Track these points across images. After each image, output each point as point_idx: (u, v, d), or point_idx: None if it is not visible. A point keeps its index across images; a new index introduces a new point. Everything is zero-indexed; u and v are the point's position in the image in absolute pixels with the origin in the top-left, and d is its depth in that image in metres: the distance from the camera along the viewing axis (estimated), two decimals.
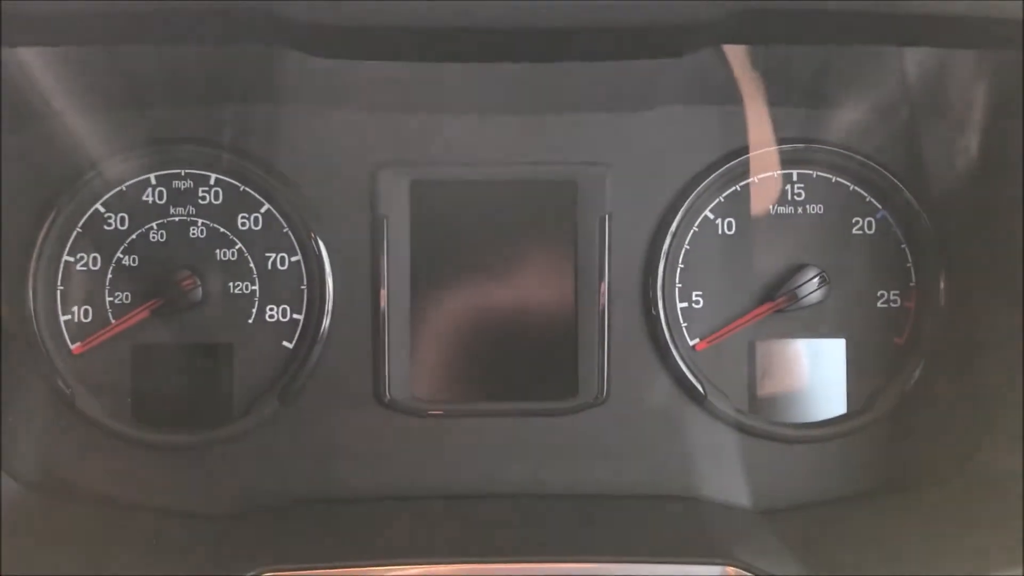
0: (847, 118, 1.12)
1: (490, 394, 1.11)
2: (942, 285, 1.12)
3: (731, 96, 1.09)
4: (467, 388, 1.11)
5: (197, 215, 1.10)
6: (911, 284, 1.13)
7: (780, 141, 1.12)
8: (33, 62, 0.96)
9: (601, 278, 1.10)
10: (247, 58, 1.00)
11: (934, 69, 1.02)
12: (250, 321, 1.10)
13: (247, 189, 1.10)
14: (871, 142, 1.12)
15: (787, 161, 1.13)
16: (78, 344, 1.09)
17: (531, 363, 1.11)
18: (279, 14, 0.78)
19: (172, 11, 0.79)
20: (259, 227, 1.10)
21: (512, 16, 0.77)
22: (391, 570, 0.89)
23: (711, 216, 1.12)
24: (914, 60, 1.01)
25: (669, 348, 1.10)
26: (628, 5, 0.76)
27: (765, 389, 1.13)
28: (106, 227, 1.10)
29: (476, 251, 1.11)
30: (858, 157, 1.12)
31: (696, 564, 0.89)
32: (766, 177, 1.12)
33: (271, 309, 1.10)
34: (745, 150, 1.11)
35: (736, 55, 1.01)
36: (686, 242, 1.12)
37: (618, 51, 0.88)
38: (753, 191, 1.12)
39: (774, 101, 1.11)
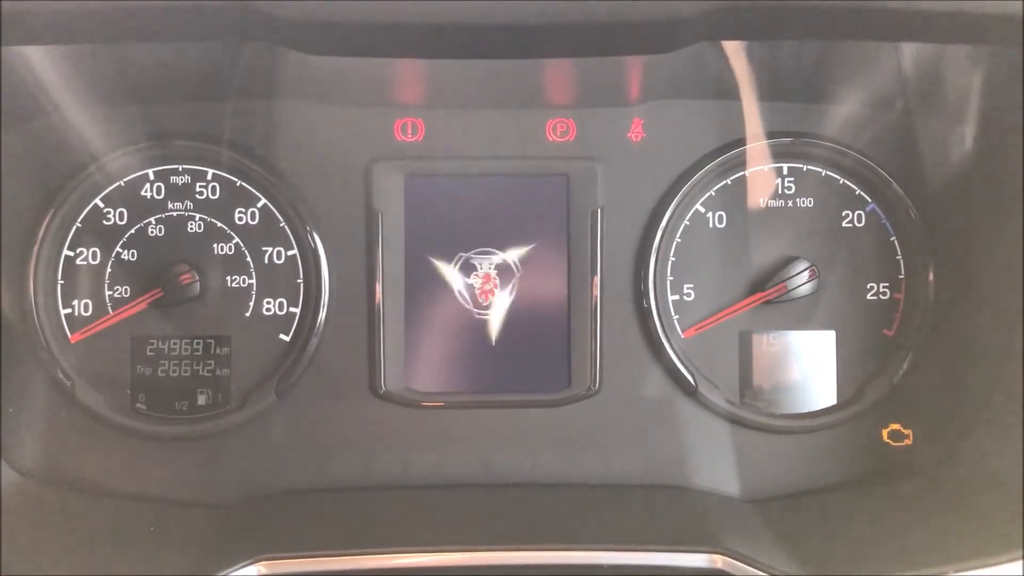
0: (838, 113, 1.13)
1: (484, 386, 1.12)
2: (931, 278, 1.13)
3: (722, 90, 1.10)
4: (461, 380, 1.12)
5: (195, 210, 1.11)
6: (900, 276, 1.14)
7: (771, 135, 1.13)
8: (35, 58, 0.97)
9: (593, 271, 1.11)
10: (243, 55, 1.01)
11: (928, 64, 1.02)
12: (247, 314, 1.11)
13: (244, 184, 1.12)
14: (862, 136, 1.13)
15: (778, 155, 1.14)
16: (76, 333, 1.11)
17: (524, 355, 1.12)
18: (272, 13, 0.79)
19: (166, 10, 0.80)
20: (256, 222, 1.12)
21: (498, 13, 0.78)
22: (385, 559, 0.90)
23: (702, 210, 1.13)
24: (908, 55, 1.01)
25: (661, 340, 1.12)
26: (610, 3, 0.77)
27: (756, 380, 1.14)
28: (105, 222, 1.11)
29: (469, 245, 1.12)
30: (849, 152, 1.13)
31: (685, 552, 0.90)
32: (757, 171, 1.13)
33: (268, 302, 1.12)
34: (736, 144, 1.12)
35: (727, 50, 1.01)
36: (677, 235, 1.13)
37: (605, 48, 0.89)
38: (744, 185, 1.13)
39: (765, 95, 1.12)
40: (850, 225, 1.14)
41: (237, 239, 1.12)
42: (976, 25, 0.84)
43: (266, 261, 1.12)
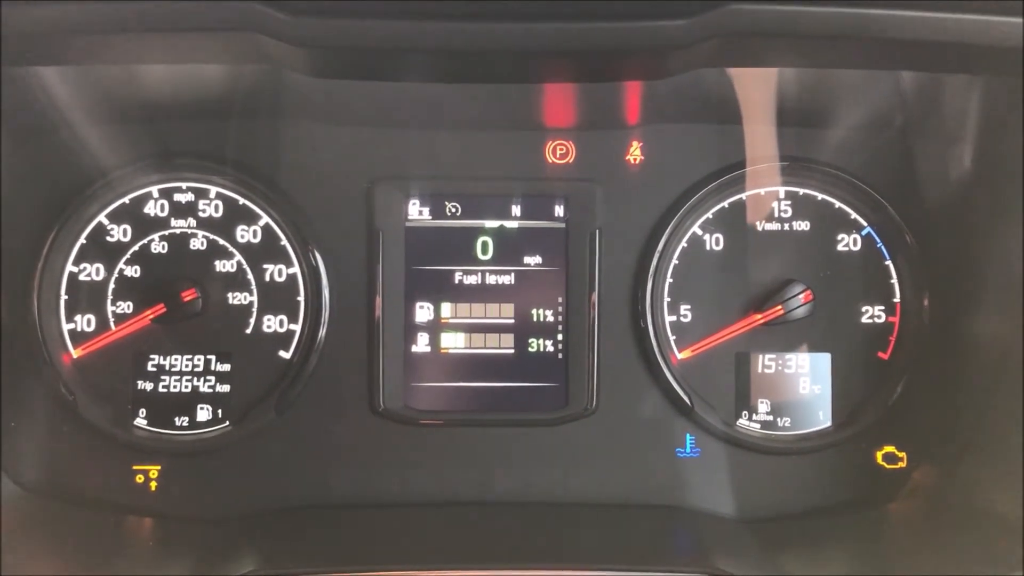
0: (834, 137, 1.14)
1: (482, 404, 1.13)
2: (926, 302, 1.13)
3: (721, 115, 1.10)
4: (459, 398, 1.13)
5: (197, 227, 1.12)
6: (895, 300, 1.14)
7: (768, 159, 1.14)
8: (42, 76, 0.98)
9: (591, 291, 1.12)
10: (248, 76, 1.02)
11: (925, 88, 1.03)
12: (248, 331, 1.12)
13: (246, 203, 1.13)
14: (858, 160, 1.14)
15: (775, 178, 1.14)
16: (79, 348, 1.11)
17: (522, 374, 1.13)
18: (276, 38, 0.81)
19: (174, 32, 0.82)
20: (258, 239, 1.13)
21: (499, 39, 0.80)
22: None
23: (699, 232, 1.14)
24: (906, 80, 1.02)
25: (658, 361, 1.12)
26: (601, 30, 0.78)
27: (752, 401, 1.14)
28: (109, 238, 1.12)
29: (468, 264, 1.13)
30: (845, 176, 1.14)
31: (679, 572, 0.91)
32: (754, 194, 1.14)
33: (268, 319, 1.12)
34: (733, 167, 1.13)
35: (725, 75, 1.02)
36: (675, 257, 1.14)
37: (604, 73, 0.91)
38: (741, 208, 1.14)
39: (763, 120, 1.13)
40: (846, 248, 1.15)
41: (239, 256, 1.12)
42: (975, 56, 0.85)
43: (267, 279, 1.13)
